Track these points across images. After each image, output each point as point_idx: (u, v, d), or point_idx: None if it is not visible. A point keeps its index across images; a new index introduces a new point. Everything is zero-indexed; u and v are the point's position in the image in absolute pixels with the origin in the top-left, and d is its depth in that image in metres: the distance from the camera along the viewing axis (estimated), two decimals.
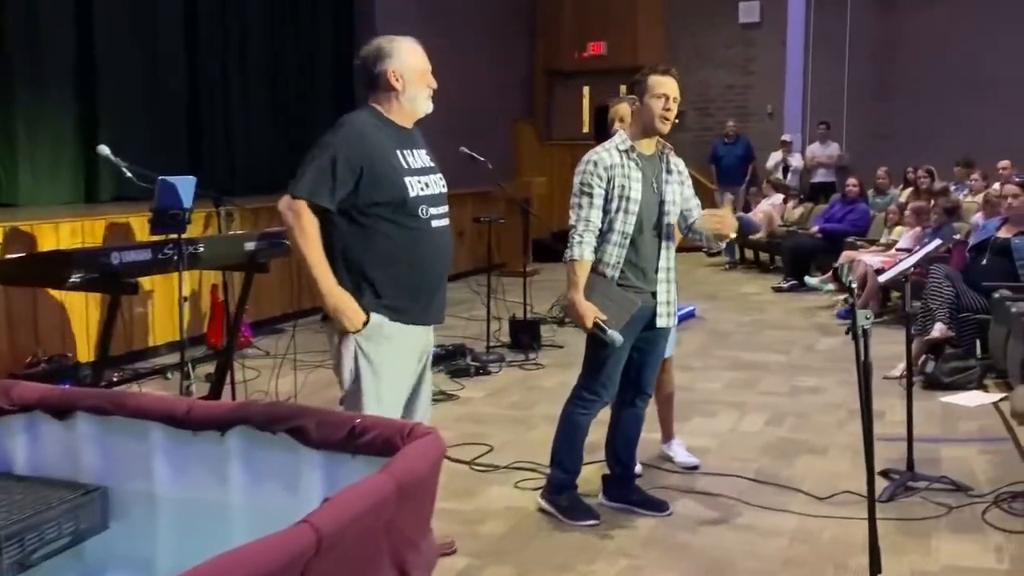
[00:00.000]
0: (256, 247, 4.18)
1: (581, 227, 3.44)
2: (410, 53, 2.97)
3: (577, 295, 3.42)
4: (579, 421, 3.65)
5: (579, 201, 3.46)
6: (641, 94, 3.48)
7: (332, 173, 2.83)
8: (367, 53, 2.97)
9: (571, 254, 3.45)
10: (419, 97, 2.99)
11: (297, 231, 2.83)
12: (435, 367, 6.21)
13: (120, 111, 8.02)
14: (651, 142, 3.55)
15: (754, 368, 6.27)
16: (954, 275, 6.01)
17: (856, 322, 2.67)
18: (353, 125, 2.92)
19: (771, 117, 13.50)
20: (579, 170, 3.50)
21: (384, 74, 2.92)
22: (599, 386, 3.59)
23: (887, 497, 3.81)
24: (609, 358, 3.53)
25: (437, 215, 3.01)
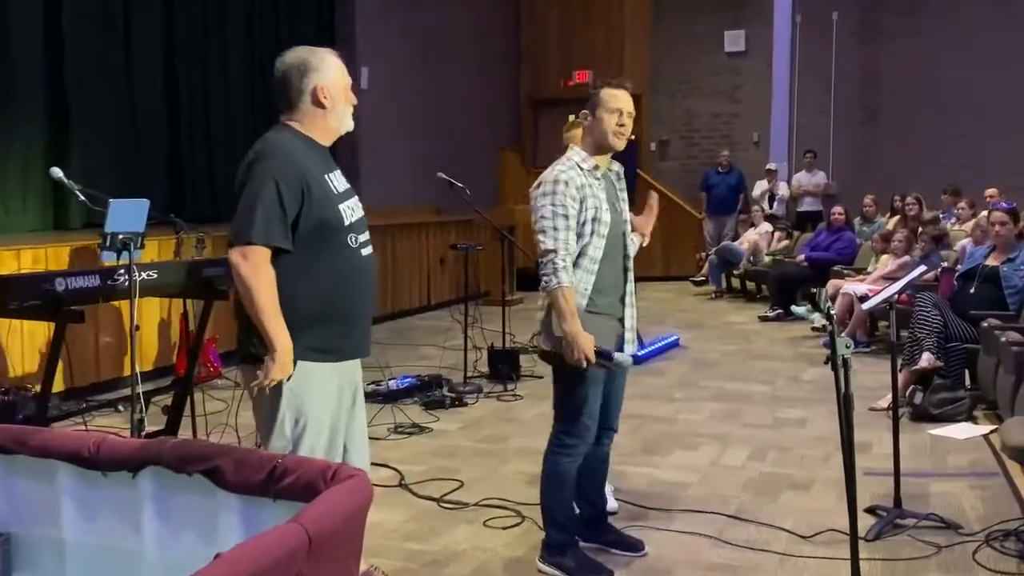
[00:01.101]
0: (215, 273, 4.01)
1: (562, 251, 3.14)
2: (335, 67, 2.76)
3: (576, 325, 3.10)
4: (566, 470, 3.32)
5: (554, 224, 3.15)
6: (594, 108, 3.27)
7: (280, 207, 2.59)
8: (289, 65, 2.72)
9: (557, 281, 3.11)
10: (345, 115, 2.79)
11: (254, 284, 2.56)
12: (409, 398, 6.09)
13: (94, 135, 7.86)
14: (605, 159, 3.34)
15: (738, 399, 6.10)
16: (942, 304, 5.87)
17: (835, 351, 2.51)
18: (283, 149, 2.66)
19: (757, 145, 13.44)
20: (545, 190, 3.18)
21: (313, 90, 2.70)
22: (582, 428, 3.29)
23: (874, 536, 3.63)
24: (589, 395, 3.27)
25: (364, 242, 2.80)
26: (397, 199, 10.54)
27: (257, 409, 2.75)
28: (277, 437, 2.69)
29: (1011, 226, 5.97)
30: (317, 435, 2.71)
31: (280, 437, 2.69)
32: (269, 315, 2.59)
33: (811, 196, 12.54)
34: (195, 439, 3.89)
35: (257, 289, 2.57)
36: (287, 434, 2.68)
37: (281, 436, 2.69)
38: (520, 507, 3.99)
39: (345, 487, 1.49)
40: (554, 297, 3.13)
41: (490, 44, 13.70)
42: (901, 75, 12.59)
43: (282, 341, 2.59)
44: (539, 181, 3.23)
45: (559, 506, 3.37)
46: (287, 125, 2.76)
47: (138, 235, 3.64)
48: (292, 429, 2.68)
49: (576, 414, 3.28)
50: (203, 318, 4.22)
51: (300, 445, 2.68)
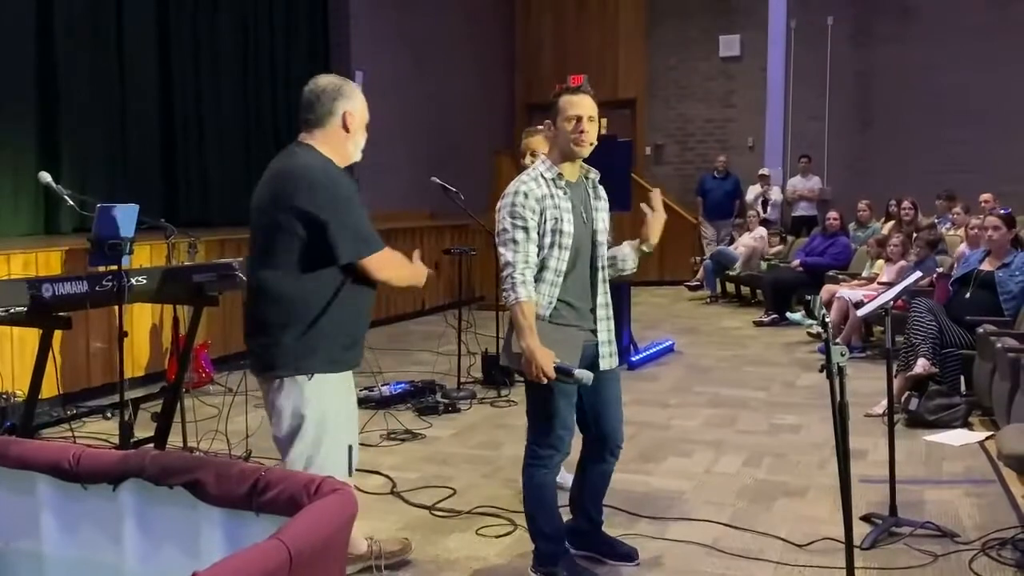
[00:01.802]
0: (205, 279, 3.97)
1: (521, 265, 3.08)
2: (361, 100, 2.99)
3: (533, 340, 3.03)
4: (544, 481, 3.26)
5: (513, 236, 3.09)
6: (554, 117, 3.21)
7: (365, 219, 2.91)
8: (324, 86, 2.92)
9: (515, 296, 3.05)
10: (360, 145, 3.01)
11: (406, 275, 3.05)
12: (403, 404, 6.05)
13: (86, 140, 7.83)
14: (574, 167, 3.26)
15: (733, 405, 6.07)
16: (937, 309, 5.84)
17: (831, 359, 2.47)
18: (336, 171, 2.89)
19: (752, 150, 13.44)
20: (505, 203, 3.14)
21: (343, 114, 2.91)
22: (555, 439, 3.22)
23: (869, 544, 3.60)
24: (560, 407, 3.18)
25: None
26: (391, 203, 10.51)
27: (277, 419, 2.92)
28: (299, 443, 2.90)
29: (1005, 231, 5.95)
30: (334, 442, 2.95)
31: (302, 443, 2.90)
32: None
33: (806, 201, 12.54)
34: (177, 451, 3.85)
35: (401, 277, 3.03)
36: (309, 441, 2.90)
37: (303, 442, 2.90)
38: (513, 515, 3.95)
39: (329, 501, 1.45)
40: (512, 312, 3.08)
41: (485, 48, 13.69)
42: (896, 80, 12.59)
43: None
44: (504, 194, 3.19)
45: (544, 517, 3.31)
46: (310, 146, 2.93)
47: (127, 240, 3.59)
48: (314, 437, 2.90)
49: (547, 426, 3.22)
50: (193, 324, 4.18)
51: (319, 451, 2.91)
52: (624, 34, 14.01)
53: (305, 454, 2.91)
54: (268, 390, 2.94)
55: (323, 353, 2.87)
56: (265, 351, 2.87)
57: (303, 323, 2.83)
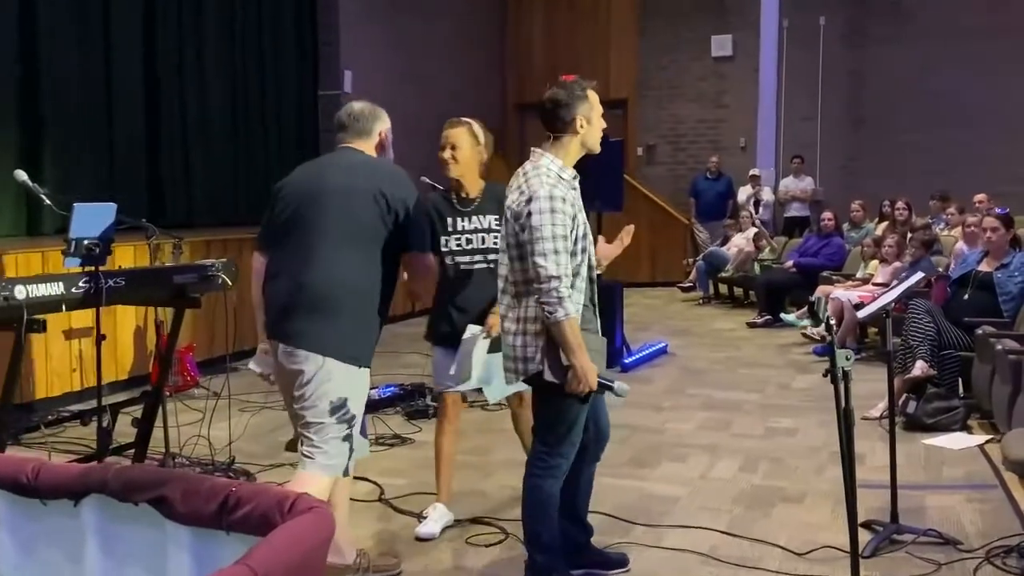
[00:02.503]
0: (186, 280, 3.85)
1: (565, 279, 2.90)
2: (389, 125, 3.32)
3: (585, 359, 2.93)
4: (552, 491, 3.14)
5: (555, 247, 2.89)
6: (584, 112, 3.04)
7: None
8: (362, 108, 3.26)
9: (564, 313, 2.88)
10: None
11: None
12: (391, 408, 5.94)
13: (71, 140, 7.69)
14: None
15: (727, 408, 5.97)
16: (935, 310, 5.75)
17: (835, 363, 2.37)
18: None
19: (744, 151, 13.35)
20: (542, 208, 2.91)
21: (381, 134, 3.26)
22: (568, 448, 3.13)
23: (870, 552, 3.51)
24: (580, 416, 3.12)
25: None
26: None
27: (321, 399, 3.00)
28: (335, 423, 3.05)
29: (1003, 232, 5.86)
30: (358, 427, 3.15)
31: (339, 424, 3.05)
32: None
33: (799, 202, 12.46)
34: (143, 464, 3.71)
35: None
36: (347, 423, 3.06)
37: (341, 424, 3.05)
38: (504, 523, 3.85)
39: (303, 521, 1.34)
40: (561, 329, 2.91)
41: (475, 48, 13.57)
42: (888, 80, 12.53)
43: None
44: (528, 195, 2.96)
45: (545, 528, 3.19)
46: (360, 151, 3.22)
47: (105, 241, 3.47)
48: (350, 421, 3.06)
49: (565, 436, 3.13)
50: (175, 326, 4.06)
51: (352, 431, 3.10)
52: (616, 34, 13.91)
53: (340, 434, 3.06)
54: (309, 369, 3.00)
55: (370, 346, 3.09)
56: (323, 332, 2.99)
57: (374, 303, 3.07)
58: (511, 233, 3.02)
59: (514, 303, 3.06)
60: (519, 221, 2.97)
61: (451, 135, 3.76)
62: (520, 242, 2.98)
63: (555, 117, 3.05)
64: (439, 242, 3.73)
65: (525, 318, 3.02)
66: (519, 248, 3.00)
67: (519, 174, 3.09)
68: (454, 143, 3.76)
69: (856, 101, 12.88)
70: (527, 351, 3.02)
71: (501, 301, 3.12)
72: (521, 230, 2.96)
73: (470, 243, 3.80)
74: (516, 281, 3.05)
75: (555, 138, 3.08)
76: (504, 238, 3.10)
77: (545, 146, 3.10)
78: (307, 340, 2.95)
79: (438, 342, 3.85)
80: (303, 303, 2.96)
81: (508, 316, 3.08)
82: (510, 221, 3.03)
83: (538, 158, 3.08)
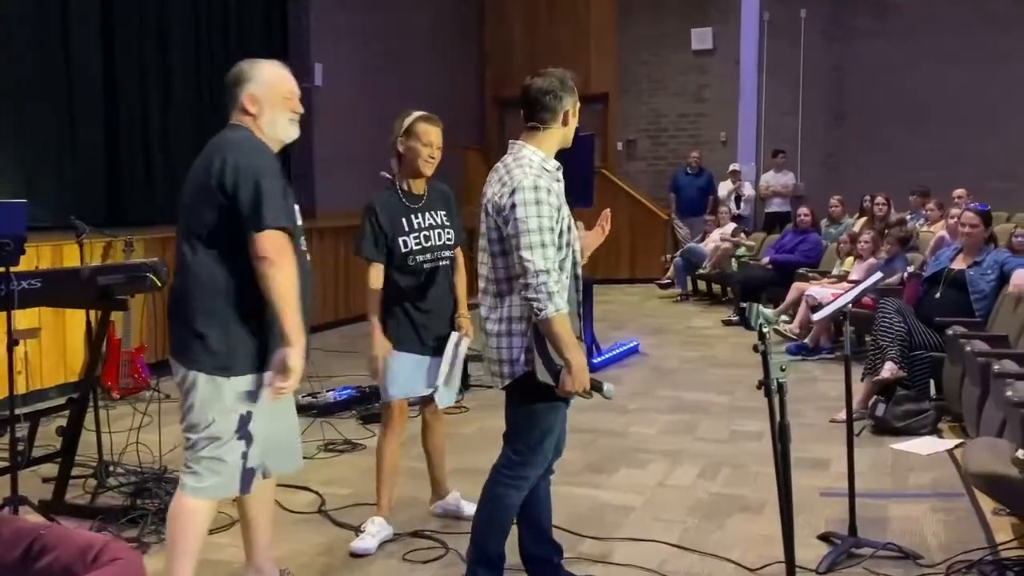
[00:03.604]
0: (112, 281, 3.64)
1: (554, 272, 2.76)
2: (272, 76, 2.81)
3: (581, 355, 2.79)
4: (515, 502, 2.99)
5: (542, 239, 2.74)
6: (569, 106, 2.90)
7: (279, 193, 2.64)
8: (229, 76, 2.81)
9: (554, 308, 2.72)
10: (278, 122, 2.80)
11: (288, 274, 2.62)
12: (346, 412, 5.75)
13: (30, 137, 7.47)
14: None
15: (694, 410, 5.80)
16: (906, 310, 5.58)
17: (768, 374, 2.19)
18: (254, 142, 2.71)
19: (725, 145, 13.19)
20: (527, 199, 2.75)
21: (241, 99, 2.77)
22: (542, 457, 2.98)
23: (826, 568, 3.34)
24: (557, 423, 2.97)
25: (303, 250, 2.89)
26: (352, 200, 10.10)
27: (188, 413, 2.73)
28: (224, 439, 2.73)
29: (981, 228, 5.70)
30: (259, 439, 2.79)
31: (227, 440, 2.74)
32: (292, 309, 2.62)
33: (780, 197, 12.31)
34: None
35: (286, 272, 2.62)
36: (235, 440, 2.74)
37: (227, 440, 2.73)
38: (446, 537, 3.67)
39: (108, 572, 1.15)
40: (551, 326, 2.74)
41: (453, 41, 13.36)
42: (870, 74, 12.38)
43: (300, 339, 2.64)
44: (511, 187, 2.80)
45: (496, 543, 3.01)
46: (239, 125, 2.79)
47: (17, 239, 3.27)
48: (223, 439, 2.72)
49: (540, 443, 2.96)
50: (100, 329, 3.85)
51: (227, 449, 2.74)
52: (595, 27, 13.73)
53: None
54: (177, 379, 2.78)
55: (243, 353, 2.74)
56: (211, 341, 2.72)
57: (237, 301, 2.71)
58: (492, 228, 2.86)
59: (496, 302, 2.90)
60: (502, 214, 2.81)
61: (434, 135, 3.62)
62: (503, 236, 2.83)
63: (543, 107, 2.89)
64: (388, 245, 3.59)
65: (509, 317, 2.86)
66: (501, 243, 2.84)
67: (499, 167, 2.93)
68: (437, 143, 3.62)
69: (837, 95, 12.73)
70: (512, 352, 2.86)
71: (483, 302, 2.94)
72: (505, 223, 2.80)
73: (428, 240, 3.65)
74: (499, 279, 2.89)
75: (537, 128, 2.92)
76: (484, 234, 2.92)
77: (525, 137, 2.94)
78: (173, 349, 2.75)
79: (407, 349, 3.66)
80: (171, 311, 2.75)
81: (490, 317, 2.91)
82: (491, 215, 2.86)
83: (519, 149, 2.92)
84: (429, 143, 3.61)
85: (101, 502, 3.98)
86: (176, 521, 2.72)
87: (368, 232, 3.60)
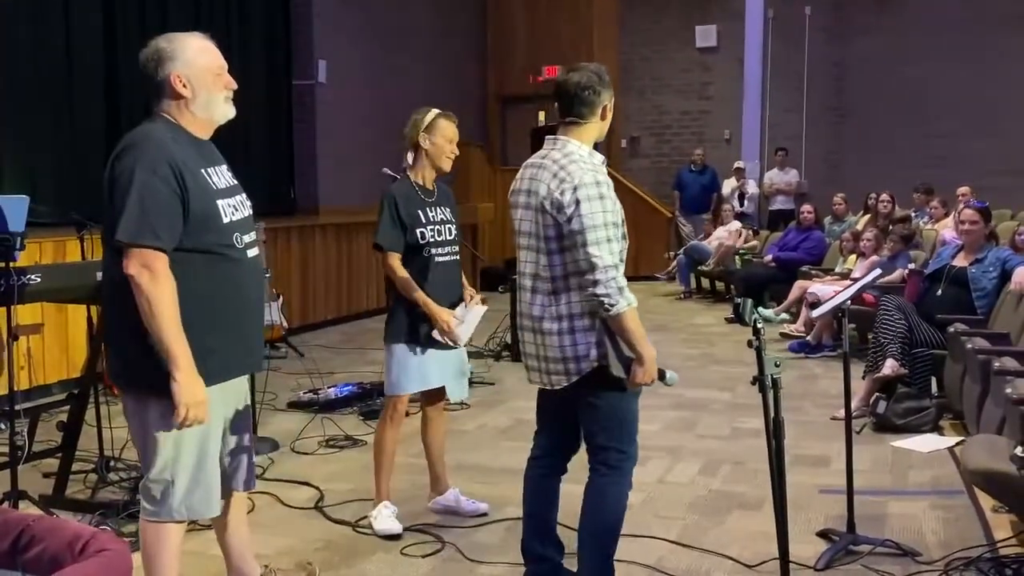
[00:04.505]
0: None
1: (620, 267, 2.75)
2: (199, 52, 2.55)
3: (650, 348, 2.81)
4: (627, 499, 2.99)
5: (607, 235, 2.73)
6: (605, 102, 2.90)
7: (163, 205, 2.38)
8: (145, 57, 2.53)
9: (626, 302, 2.72)
10: (214, 102, 2.57)
11: (155, 295, 2.33)
12: (348, 408, 5.75)
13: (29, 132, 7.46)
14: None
15: (696, 407, 5.79)
16: (907, 307, 5.57)
17: (763, 370, 2.19)
18: (154, 141, 2.43)
19: (728, 143, 13.18)
20: (590, 194, 2.74)
21: (168, 80, 2.50)
22: (634, 442, 2.99)
23: (824, 564, 3.34)
24: (636, 409, 3.00)
25: (250, 243, 2.59)
26: (354, 197, 10.19)
27: (148, 444, 2.53)
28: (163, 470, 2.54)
29: (981, 225, 5.69)
30: (209, 460, 2.60)
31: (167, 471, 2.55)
32: (174, 334, 2.36)
33: (783, 194, 12.30)
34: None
35: (158, 294, 2.34)
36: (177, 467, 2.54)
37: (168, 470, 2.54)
38: (442, 531, 3.68)
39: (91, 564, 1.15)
40: (623, 320, 2.73)
41: (456, 38, 13.35)
42: (874, 72, 12.36)
43: (189, 369, 2.38)
44: (572, 183, 2.75)
45: (615, 544, 2.99)
46: (159, 115, 2.57)
47: (17, 235, 3.28)
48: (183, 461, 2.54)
49: (633, 433, 2.97)
50: (100, 326, 3.86)
51: (191, 477, 2.57)
52: (598, 24, 13.70)
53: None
54: (136, 412, 2.58)
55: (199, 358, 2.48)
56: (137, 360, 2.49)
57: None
58: (549, 224, 2.81)
59: (551, 300, 2.86)
60: (562, 211, 2.76)
61: (454, 132, 3.69)
62: (562, 234, 2.79)
63: (582, 101, 2.87)
64: (407, 237, 3.60)
65: (570, 315, 2.83)
66: (559, 240, 2.81)
67: (546, 164, 2.88)
68: (456, 139, 3.69)
69: (841, 92, 12.71)
70: (578, 349, 2.83)
71: (532, 301, 2.91)
72: (568, 221, 2.76)
73: (441, 234, 3.70)
74: (555, 276, 2.85)
75: (577, 123, 2.89)
76: (530, 232, 2.89)
77: (565, 131, 2.91)
78: (110, 367, 2.59)
79: (420, 342, 3.66)
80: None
81: (545, 315, 2.86)
82: (548, 212, 2.81)
83: (564, 144, 2.89)
84: (452, 139, 3.65)
85: (101, 497, 3.99)
86: (145, 548, 2.57)
87: (389, 222, 3.61)
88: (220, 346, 2.51)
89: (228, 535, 2.87)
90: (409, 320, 3.64)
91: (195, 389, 2.38)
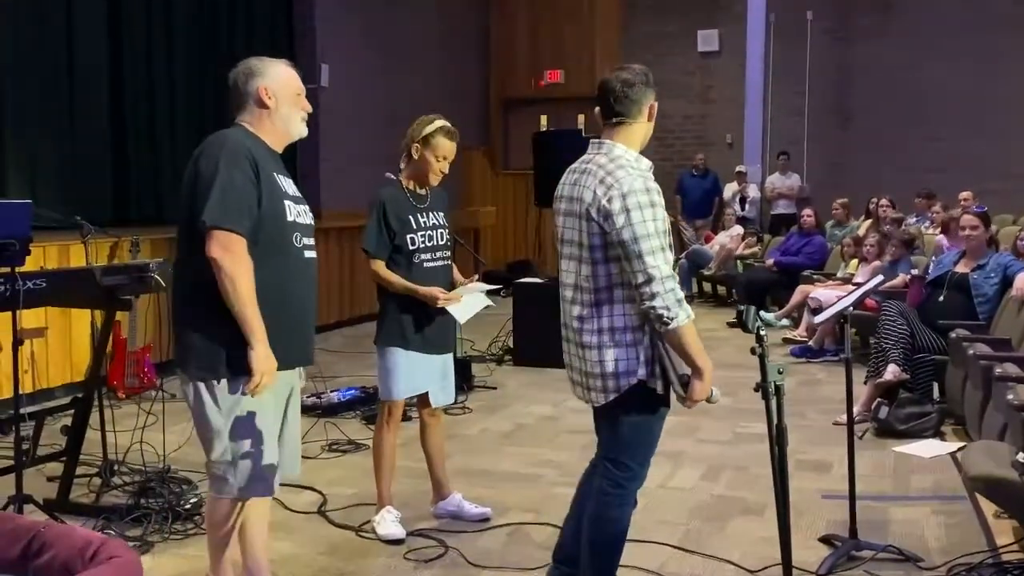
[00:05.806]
0: (116, 282, 3.67)
1: (675, 278, 2.64)
2: (284, 73, 2.84)
3: (708, 362, 2.72)
4: (628, 523, 2.90)
5: (660, 243, 2.61)
6: (645, 105, 2.83)
7: (242, 194, 2.61)
8: (237, 72, 2.82)
9: (685, 315, 2.62)
10: (293, 118, 2.83)
11: (236, 275, 2.56)
12: (351, 412, 5.76)
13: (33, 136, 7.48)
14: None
15: (697, 412, 5.69)
16: (909, 312, 5.58)
17: (766, 377, 2.20)
18: (236, 140, 2.69)
19: (731, 147, 13.18)
20: (640, 202, 2.61)
21: (256, 91, 2.76)
22: (647, 466, 2.91)
23: (826, 570, 3.35)
24: (659, 431, 2.91)
25: (309, 245, 2.84)
26: (356, 201, 10.12)
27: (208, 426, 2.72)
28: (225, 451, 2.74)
29: (982, 231, 5.70)
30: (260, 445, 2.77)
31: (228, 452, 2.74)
32: (251, 312, 2.58)
33: (785, 199, 12.30)
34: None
35: (239, 275, 2.56)
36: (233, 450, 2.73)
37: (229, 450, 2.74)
38: (445, 536, 3.69)
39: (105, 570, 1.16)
40: (682, 335, 2.63)
41: (458, 42, 13.37)
42: (876, 76, 12.36)
43: (264, 342, 2.59)
44: (621, 190, 2.63)
45: (613, 565, 2.93)
46: (238, 124, 2.81)
47: (22, 240, 3.30)
48: (238, 443, 2.73)
49: (648, 456, 2.90)
50: (105, 329, 3.88)
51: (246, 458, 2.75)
52: (600, 28, 13.71)
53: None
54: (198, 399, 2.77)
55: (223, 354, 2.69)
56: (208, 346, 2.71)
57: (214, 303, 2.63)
58: (595, 233, 2.68)
59: (592, 313, 2.73)
60: (610, 219, 2.63)
61: (450, 150, 3.71)
62: (607, 243, 2.67)
63: (628, 99, 2.77)
64: (395, 242, 3.64)
65: (611, 328, 2.70)
66: (605, 250, 2.68)
67: (591, 169, 2.75)
68: (451, 158, 3.71)
69: (843, 97, 12.72)
70: (618, 365, 2.70)
71: (571, 312, 2.80)
72: (620, 229, 2.62)
73: (431, 240, 3.71)
74: (598, 287, 2.71)
75: (623, 123, 2.78)
76: (572, 241, 2.78)
77: (610, 134, 2.80)
78: (175, 355, 2.80)
79: (412, 347, 3.68)
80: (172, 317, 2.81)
81: (585, 328, 2.74)
82: (594, 220, 2.67)
83: (610, 148, 2.76)
84: (443, 158, 3.66)
85: (106, 501, 4.00)
86: (209, 519, 2.86)
87: (375, 227, 3.63)
88: (274, 335, 2.64)
89: (248, 539, 2.94)
90: (400, 323, 3.66)
91: (270, 359, 2.60)
